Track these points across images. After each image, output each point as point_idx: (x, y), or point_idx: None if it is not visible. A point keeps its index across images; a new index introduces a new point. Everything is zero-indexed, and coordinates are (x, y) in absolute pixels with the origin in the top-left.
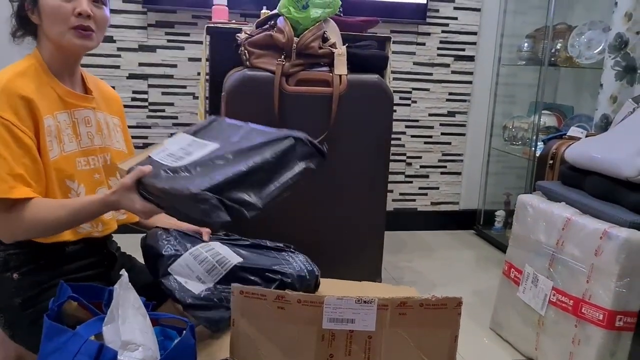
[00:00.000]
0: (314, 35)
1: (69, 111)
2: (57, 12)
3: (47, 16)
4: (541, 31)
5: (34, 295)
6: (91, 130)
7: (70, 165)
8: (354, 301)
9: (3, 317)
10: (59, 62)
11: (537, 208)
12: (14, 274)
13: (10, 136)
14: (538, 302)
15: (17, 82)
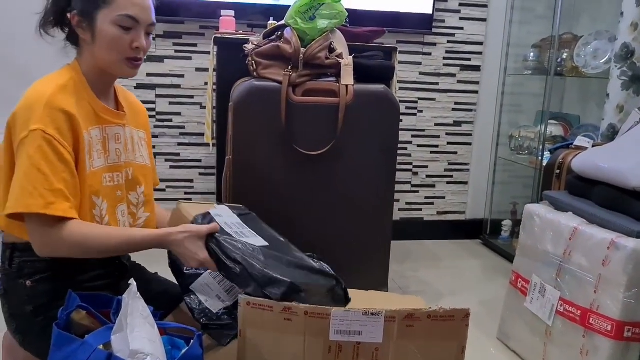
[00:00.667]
0: (321, 45)
1: (101, 127)
2: (115, 43)
3: (103, 42)
4: (547, 41)
5: (46, 304)
6: (119, 147)
7: (97, 181)
8: (361, 313)
9: (15, 323)
10: (99, 80)
11: (544, 218)
12: (27, 281)
13: (52, 151)
14: (545, 312)
15: (59, 97)
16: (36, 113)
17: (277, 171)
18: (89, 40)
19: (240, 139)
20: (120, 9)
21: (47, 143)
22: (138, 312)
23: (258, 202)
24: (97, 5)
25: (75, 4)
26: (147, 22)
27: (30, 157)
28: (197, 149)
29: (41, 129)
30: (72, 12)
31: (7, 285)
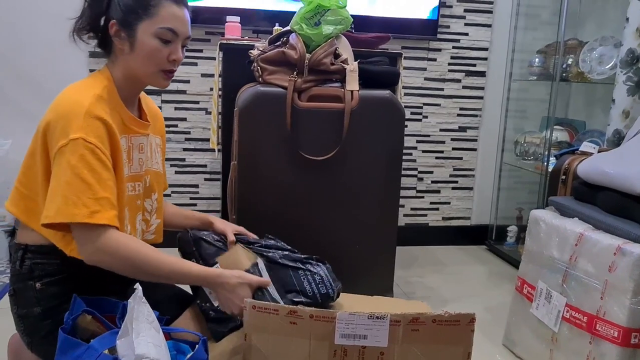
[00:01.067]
0: (326, 51)
1: (127, 136)
2: (154, 55)
3: (141, 53)
4: (552, 47)
5: (54, 307)
6: (142, 156)
7: (123, 191)
8: (366, 317)
9: (23, 325)
10: (130, 89)
11: (550, 223)
12: (37, 283)
13: (96, 159)
14: (551, 318)
15: (98, 106)
16: (76, 122)
17: (282, 176)
18: (127, 50)
19: (245, 144)
20: (162, 22)
21: (89, 151)
22: (143, 317)
23: (263, 207)
24: (139, 17)
25: (115, 12)
26: (185, 35)
27: (73, 166)
28: (202, 154)
29: (82, 138)
30: (110, 21)
31: (17, 286)
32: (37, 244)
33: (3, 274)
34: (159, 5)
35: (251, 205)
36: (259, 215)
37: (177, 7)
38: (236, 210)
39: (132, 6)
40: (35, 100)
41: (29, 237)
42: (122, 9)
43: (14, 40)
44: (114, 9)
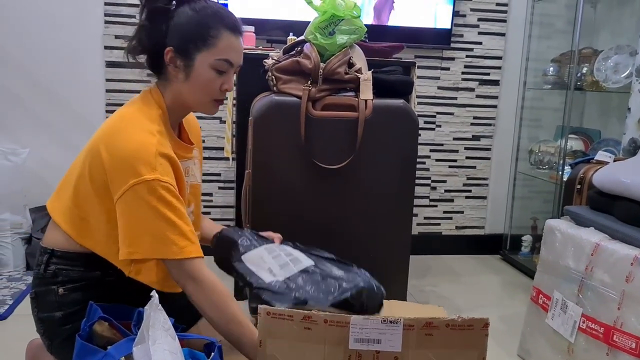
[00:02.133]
0: (340, 61)
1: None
2: (208, 85)
3: (196, 82)
4: (567, 55)
5: (75, 312)
6: (187, 179)
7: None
8: (379, 321)
9: (43, 327)
10: (178, 114)
11: (566, 233)
12: (60, 288)
13: (173, 197)
14: (567, 329)
15: (163, 143)
16: (147, 162)
17: (296, 185)
18: (181, 78)
19: (259, 153)
20: (220, 54)
21: (166, 191)
22: (159, 324)
23: (277, 216)
24: (198, 47)
25: (172, 39)
26: (239, 64)
27: (154, 207)
28: (216, 162)
29: (158, 179)
30: (167, 47)
31: (39, 290)
32: (64, 250)
33: (19, 281)
34: (218, 36)
35: (265, 214)
36: (273, 224)
37: (234, 37)
38: (250, 218)
39: (191, 35)
40: (52, 110)
41: (57, 243)
42: (180, 37)
43: (31, 50)
44: (171, 35)
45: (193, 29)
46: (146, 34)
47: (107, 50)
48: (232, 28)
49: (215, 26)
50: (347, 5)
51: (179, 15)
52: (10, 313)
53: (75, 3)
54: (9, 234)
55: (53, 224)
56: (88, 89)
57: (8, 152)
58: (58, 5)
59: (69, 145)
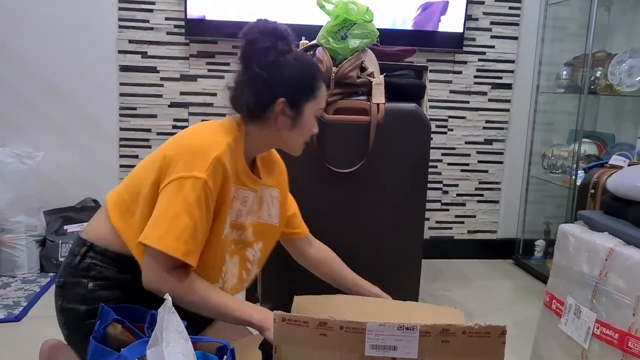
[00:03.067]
0: (353, 65)
1: (235, 187)
2: (310, 131)
3: (303, 130)
4: (580, 59)
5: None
6: (243, 209)
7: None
8: (396, 327)
9: (64, 318)
10: (261, 149)
11: (579, 238)
12: (90, 283)
13: (207, 204)
14: (581, 334)
15: (226, 155)
16: (204, 162)
17: (308, 188)
18: (288, 126)
19: None
20: (321, 103)
21: (205, 195)
22: (173, 327)
23: None
24: (307, 98)
25: (282, 90)
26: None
27: (189, 203)
28: None
29: (206, 180)
30: (279, 98)
31: (69, 280)
32: (104, 247)
33: (33, 283)
34: (320, 89)
35: None
36: None
37: (324, 88)
38: None
39: (301, 88)
40: (66, 114)
41: (100, 238)
42: (292, 89)
43: (46, 54)
44: (281, 86)
45: (301, 81)
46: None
47: (120, 55)
48: (323, 79)
49: (317, 78)
50: (359, 9)
51: (286, 66)
52: (25, 315)
53: (90, 8)
54: (24, 237)
55: (101, 216)
56: (102, 93)
57: (23, 155)
58: (73, 10)
59: (83, 149)
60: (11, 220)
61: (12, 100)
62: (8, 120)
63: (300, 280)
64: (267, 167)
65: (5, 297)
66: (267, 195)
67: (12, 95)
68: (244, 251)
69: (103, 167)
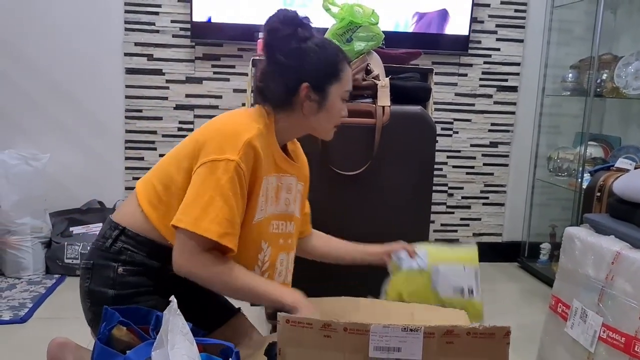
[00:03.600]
0: (358, 67)
1: (278, 175)
2: (337, 114)
3: (329, 113)
4: (586, 62)
5: (126, 295)
6: (289, 197)
7: (267, 227)
8: (400, 329)
9: (90, 300)
10: (291, 136)
11: (585, 241)
12: (120, 267)
13: (241, 186)
14: (587, 338)
15: (257, 139)
16: (236, 144)
17: (313, 191)
18: (314, 110)
19: None
20: (347, 85)
21: (238, 177)
22: (178, 329)
23: None
24: (331, 81)
25: (309, 77)
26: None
27: (222, 185)
28: None
29: (237, 162)
30: (303, 84)
31: (99, 262)
32: (136, 232)
33: (39, 285)
34: (344, 70)
35: None
36: None
37: (350, 69)
38: None
39: (325, 71)
40: (72, 116)
41: (132, 222)
42: (315, 73)
43: (52, 56)
44: (304, 72)
45: (325, 65)
46: (281, 74)
47: (126, 57)
48: (348, 60)
49: (340, 61)
50: (364, 12)
51: (308, 52)
52: (30, 316)
53: (96, 11)
54: (29, 238)
55: (133, 201)
56: (108, 95)
57: (29, 157)
58: (79, 12)
59: (89, 151)
60: (17, 221)
61: (18, 102)
62: (14, 122)
63: (304, 284)
64: (297, 158)
65: (11, 298)
66: (295, 188)
67: (18, 96)
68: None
69: (108, 169)
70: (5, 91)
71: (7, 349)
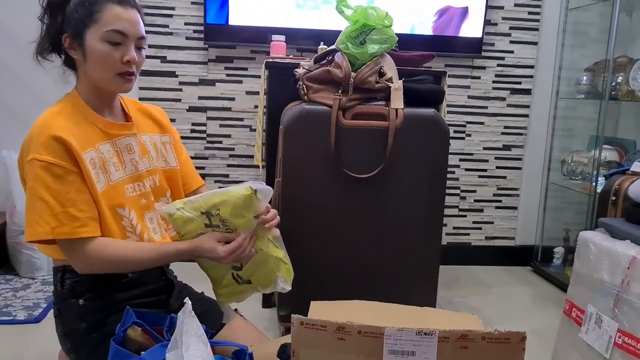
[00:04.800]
0: (371, 70)
1: (111, 141)
2: (105, 59)
3: (94, 60)
4: (601, 64)
5: (98, 320)
6: (134, 156)
7: (120, 193)
8: (414, 332)
9: (69, 342)
10: (98, 98)
11: (600, 246)
12: (79, 300)
13: (51, 176)
14: (602, 344)
15: (52, 123)
16: (31, 144)
17: (325, 193)
18: (81, 60)
19: (290, 161)
20: (107, 25)
21: (43, 169)
22: (192, 331)
23: (306, 225)
24: (85, 24)
25: (67, 27)
26: (136, 35)
27: (31, 187)
28: (246, 170)
29: (36, 158)
30: (63, 35)
31: (61, 306)
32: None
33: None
34: (102, 10)
35: (295, 222)
36: (303, 232)
37: (122, 8)
38: (280, 226)
39: (78, 16)
40: None
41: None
42: (71, 22)
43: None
44: (66, 24)
45: (80, 10)
46: (47, 31)
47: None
48: (118, 1)
49: (98, 1)
50: (378, 14)
51: (71, 3)
52: (44, 316)
53: None
54: None
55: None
56: None
57: None
58: None
59: None
60: None
61: (34, 103)
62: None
63: (316, 286)
64: (146, 116)
65: (25, 298)
66: (159, 142)
67: (34, 97)
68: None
69: None
70: (21, 91)
71: (21, 349)
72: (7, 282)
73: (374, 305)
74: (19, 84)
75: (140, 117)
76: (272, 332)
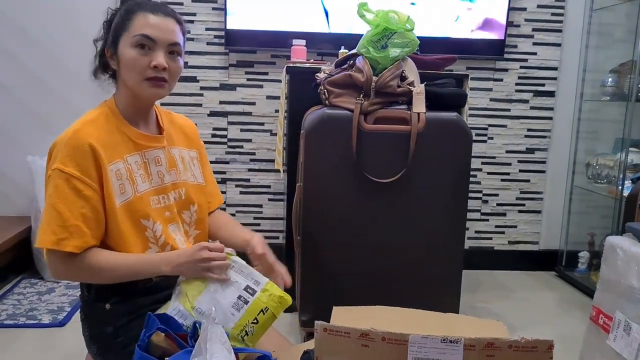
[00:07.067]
0: (393, 74)
1: (140, 152)
2: (134, 63)
3: (124, 65)
4: (627, 66)
5: (124, 324)
6: (161, 169)
7: (145, 205)
8: (439, 340)
9: (96, 346)
10: (133, 107)
11: (628, 251)
12: (106, 305)
13: (70, 188)
14: (631, 352)
15: (83, 131)
16: (59, 152)
17: (347, 198)
18: (117, 68)
19: (311, 166)
20: (136, 30)
21: (64, 181)
22: (217, 338)
23: (328, 229)
24: (120, 33)
25: (108, 40)
26: (167, 41)
27: (49, 195)
28: (266, 174)
29: (59, 168)
30: (106, 48)
31: (87, 310)
32: None
33: (77, 288)
34: (134, 18)
35: (316, 227)
36: (324, 237)
37: (152, 15)
38: (301, 231)
39: (115, 26)
40: None
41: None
42: (112, 33)
43: None
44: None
45: (117, 21)
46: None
47: None
48: (147, 8)
49: (131, 11)
50: (399, 18)
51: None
52: (69, 320)
53: None
54: None
55: None
56: None
57: None
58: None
59: None
60: None
61: (58, 110)
62: (54, 128)
63: (337, 291)
64: (177, 130)
65: (49, 302)
66: (187, 156)
67: (59, 103)
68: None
69: None
70: (46, 98)
71: (46, 352)
72: (32, 285)
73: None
74: (44, 91)
75: (173, 130)
76: (294, 337)
